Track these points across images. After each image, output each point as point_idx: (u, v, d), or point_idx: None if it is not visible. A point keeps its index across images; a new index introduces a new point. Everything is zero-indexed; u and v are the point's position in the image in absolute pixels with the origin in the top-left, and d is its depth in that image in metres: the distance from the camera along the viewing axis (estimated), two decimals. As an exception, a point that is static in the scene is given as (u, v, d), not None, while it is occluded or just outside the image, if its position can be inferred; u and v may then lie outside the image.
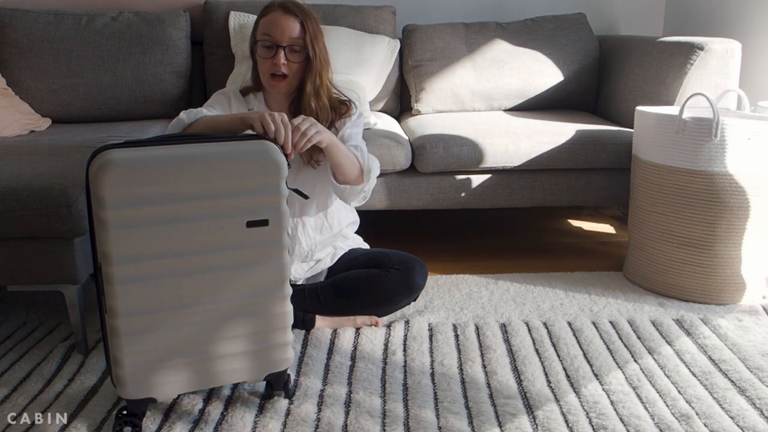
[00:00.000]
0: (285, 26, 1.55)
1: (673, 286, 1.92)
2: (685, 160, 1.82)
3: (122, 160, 1.16)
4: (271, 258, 1.29)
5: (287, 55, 1.57)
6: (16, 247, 1.53)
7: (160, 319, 1.24)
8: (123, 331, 1.22)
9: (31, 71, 2.38)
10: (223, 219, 1.23)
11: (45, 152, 1.81)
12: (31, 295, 1.97)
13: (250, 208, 1.25)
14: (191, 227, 1.21)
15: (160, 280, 1.22)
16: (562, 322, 1.77)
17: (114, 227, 1.17)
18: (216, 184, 1.22)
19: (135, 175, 1.16)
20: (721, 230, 1.82)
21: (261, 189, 1.25)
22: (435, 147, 2.07)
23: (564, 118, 2.39)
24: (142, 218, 1.18)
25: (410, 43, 2.59)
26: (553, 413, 1.36)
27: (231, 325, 1.29)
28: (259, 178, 1.25)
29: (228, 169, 1.22)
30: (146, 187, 1.17)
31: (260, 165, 1.25)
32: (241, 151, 1.25)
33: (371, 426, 1.33)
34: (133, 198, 1.17)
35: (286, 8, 1.57)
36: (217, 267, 1.25)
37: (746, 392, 1.43)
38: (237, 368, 1.33)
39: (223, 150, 1.23)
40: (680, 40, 2.21)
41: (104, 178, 1.15)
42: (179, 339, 1.26)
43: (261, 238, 1.27)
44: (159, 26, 2.45)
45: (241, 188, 1.24)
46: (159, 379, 1.27)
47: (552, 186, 2.17)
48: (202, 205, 1.22)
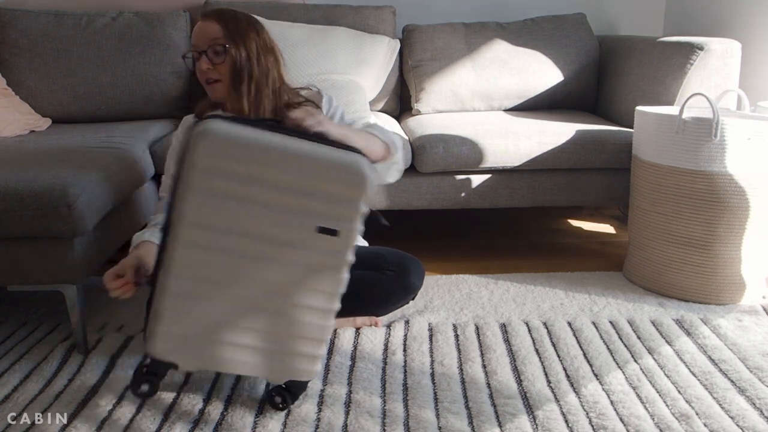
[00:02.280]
0: (203, 31, 1.51)
1: (673, 286, 1.92)
2: (685, 160, 1.82)
3: (223, 133, 1.18)
4: (330, 269, 1.29)
5: (210, 57, 1.50)
6: (16, 247, 1.53)
7: (208, 291, 1.24)
8: (172, 291, 1.22)
9: (31, 71, 2.38)
10: (297, 216, 1.24)
11: (45, 152, 1.81)
12: (31, 295, 1.97)
13: (326, 215, 1.25)
14: (265, 214, 1.22)
15: (221, 254, 1.22)
16: (562, 322, 1.77)
17: (197, 191, 1.19)
18: (302, 182, 1.22)
19: (230, 150, 1.18)
20: (721, 230, 1.82)
21: (342, 199, 1.25)
22: (435, 147, 2.07)
23: (564, 118, 2.39)
24: (224, 191, 1.19)
25: (410, 43, 2.59)
26: (553, 413, 1.36)
27: (270, 320, 1.28)
28: (344, 188, 1.25)
29: (317, 171, 1.23)
30: (237, 164, 1.18)
31: (349, 176, 1.24)
32: (334, 157, 1.24)
33: (371, 426, 1.33)
34: (222, 170, 1.18)
35: (204, 15, 1.54)
36: (276, 260, 1.25)
37: (746, 392, 1.43)
38: (262, 364, 1.32)
39: (319, 151, 1.24)
40: (680, 40, 2.21)
41: (202, 144, 1.17)
42: (219, 316, 1.26)
43: (326, 246, 1.27)
44: (159, 26, 2.45)
45: (324, 193, 1.24)
46: (187, 348, 1.27)
47: (552, 186, 2.17)
48: (282, 198, 1.22)
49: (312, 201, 1.23)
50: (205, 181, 1.18)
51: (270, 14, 2.52)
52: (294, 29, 2.44)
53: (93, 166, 1.66)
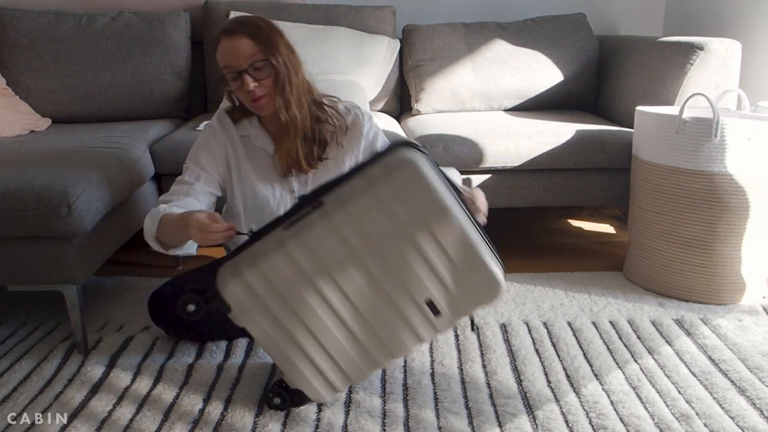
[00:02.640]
0: (236, 49, 1.44)
1: (673, 286, 1.92)
2: (685, 160, 1.82)
3: (427, 176, 1.22)
4: (414, 332, 1.32)
5: (253, 74, 1.45)
6: (16, 247, 1.53)
7: (312, 275, 1.26)
8: (287, 250, 1.25)
9: (31, 71, 2.38)
10: (426, 275, 1.27)
11: (45, 152, 1.81)
12: (31, 295, 1.97)
13: (445, 295, 1.29)
14: (406, 252, 1.25)
15: (347, 254, 1.25)
16: (562, 322, 1.77)
17: (374, 199, 1.22)
18: (451, 256, 1.26)
19: (422, 190, 1.23)
20: (721, 230, 1.82)
21: (470, 296, 1.30)
22: (435, 147, 2.07)
23: (564, 118, 2.39)
24: (393, 215, 1.23)
25: (410, 43, 2.59)
26: (553, 413, 1.36)
27: (342, 344, 1.32)
28: (479, 289, 1.30)
29: (469, 261, 1.27)
30: (418, 203, 1.23)
31: (490, 286, 1.29)
32: (489, 261, 1.28)
33: (371, 426, 1.33)
34: (405, 198, 1.23)
35: (229, 31, 1.46)
36: (383, 293, 1.29)
37: (746, 392, 1.43)
38: (317, 384, 1.36)
39: (480, 246, 1.28)
40: (680, 40, 2.21)
41: (405, 172, 1.22)
42: (299, 302, 1.29)
43: (422, 315, 1.31)
44: (159, 26, 2.45)
45: (459, 279, 1.28)
46: (254, 309, 1.30)
47: (552, 186, 2.17)
48: (429, 252, 1.25)
49: (445, 275, 1.28)
50: (386, 199, 1.22)
51: (270, 14, 2.51)
52: (294, 29, 2.43)
53: (93, 166, 1.66)
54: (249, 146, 1.61)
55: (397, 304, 1.29)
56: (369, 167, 1.27)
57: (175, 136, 2.10)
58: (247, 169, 1.60)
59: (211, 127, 1.62)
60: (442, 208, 1.23)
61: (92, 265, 1.64)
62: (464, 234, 1.25)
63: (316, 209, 1.25)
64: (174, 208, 1.46)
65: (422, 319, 1.31)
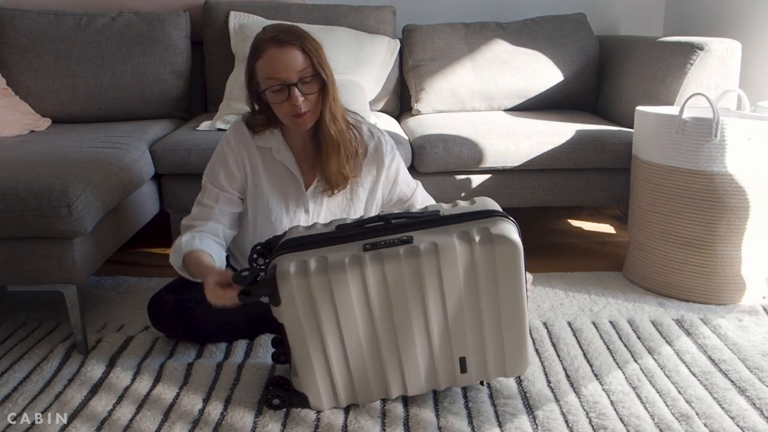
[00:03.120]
0: (288, 61, 1.39)
1: (673, 286, 1.92)
2: (685, 160, 1.82)
3: (520, 257, 1.30)
4: (435, 381, 1.38)
5: (301, 89, 1.40)
6: (16, 247, 1.53)
7: None
8: None
9: (31, 71, 2.38)
10: (468, 331, 1.33)
11: (45, 152, 1.81)
12: (31, 295, 1.97)
13: (475, 358, 1.36)
14: (459, 306, 1.30)
15: (403, 290, 1.28)
16: (562, 322, 1.77)
17: (460, 256, 1.27)
18: (501, 323, 1.33)
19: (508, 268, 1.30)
20: (721, 230, 1.82)
21: (498, 362, 1.37)
22: (435, 147, 2.07)
23: (564, 118, 2.39)
24: (472, 274, 1.29)
25: (410, 43, 2.59)
26: (553, 413, 1.36)
27: (365, 365, 1.35)
28: (510, 363, 1.37)
29: (514, 331, 1.34)
30: (498, 274, 1.29)
31: (519, 362, 1.37)
32: (527, 340, 1.36)
33: (371, 426, 1.33)
34: (488, 269, 1.29)
35: (279, 41, 1.39)
36: (420, 335, 1.32)
37: (746, 392, 1.43)
38: (323, 393, 1.38)
39: (525, 319, 1.34)
40: (680, 40, 2.21)
41: (503, 249, 1.28)
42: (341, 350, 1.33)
43: (451, 370, 1.36)
44: (159, 26, 2.45)
45: (496, 349, 1.35)
46: None
47: (552, 186, 2.17)
48: (479, 310, 1.31)
49: (489, 341, 1.34)
50: (478, 263, 1.27)
51: (270, 14, 2.52)
52: (294, 29, 2.43)
53: (93, 166, 1.66)
54: (268, 159, 1.56)
55: (434, 349, 1.33)
56: (467, 223, 1.30)
57: (175, 136, 2.10)
58: (262, 183, 1.57)
59: (227, 140, 1.56)
60: (519, 287, 1.30)
61: (92, 265, 1.64)
62: (523, 312, 1.32)
63: (404, 243, 1.27)
64: (196, 242, 1.46)
65: (449, 371, 1.36)
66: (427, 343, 1.32)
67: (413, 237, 1.28)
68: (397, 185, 1.65)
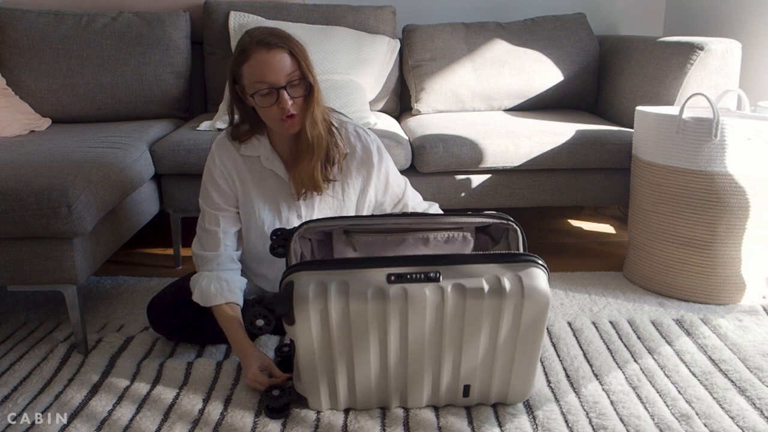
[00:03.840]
0: (276, 65, 1.37)
1: (673, 286, 1.92)
2: (685, 160, 1.82)
3: (547, 310, 1.27)
4: (436, 399, 1.38)
5: (289, 92, 1.39)
6: (16, 247, 1.53)
7: None
8: None
9: (31, 71, 2.38)
10: (480, 364, 1.32)
11: (45, 152, 1.81)
12: (31, 295, 1.97)
13: (480, 387, 1.35)
14: (475, 340, 1.28)
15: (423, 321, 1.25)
16: (562, 322, 1.77)
17: (487, 300, 1.24)
18: (511, 358, 1.32)
19: (535, 317, 1.27)
20: (721, 230, 1.82)
21: (501, 391, 1.37)
22: (435, 147, 2.07)
23: (564, 118, 2.39)
24: (496, 316, 1.27)
25: (410, 43, 2.59)
26: (553, 413, 1.36)
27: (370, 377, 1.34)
28: (511, 391, 1.37)
29: (524, 368, 1.33)
30: (523, 321, 1.27)
31: (524, 390, 1.37)
32: (530, 382, 1.36)
33: (371, 426, 1.32)
34: (514, 315, 1.27)
35: (267, 44, 1.38)
36: (430, 357, 1.30)
37: (746, 392, 1.43)
38: (323, 396, 1.38)
39: (537, 358, 1.33)
40: (680, 40, 2.21)
41: (533, 302, 1.24)
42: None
43: (454, 393, 1.37)
44: (159, 26, 2.45)
45: (501, 381, 1.35)
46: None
47: (552, 186, 2.17)
48: (494, 347, 1.30)
49: (496, 374, 1.33)
50: (504, 309, 1.24)
51: (270, 14, 2.52)
52: (294, 29, 2.42)
53: (93, 166, 1.66)
54: (256, 167, 1.55)
55: (442, 377, 1.33)
56: (499, 265, 1.26)
57: (175, 136, 2.10)
58: (253, 194, 1.55)
59: (212, 157, 1.55)
60: (540, 333, 1.28)
61: (92, 265, 1.64)
62: (537, 353, 1.31)
63: (430, 279, 1.23)
64: (225, 292, 1.51)
65: (451, 394, 1.37)
66: (435, 365, 1.31)
67: (441, 274, 1.23)
68: (389, 187, 1.63)
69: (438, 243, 1.47)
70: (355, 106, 2.24)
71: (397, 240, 1.45)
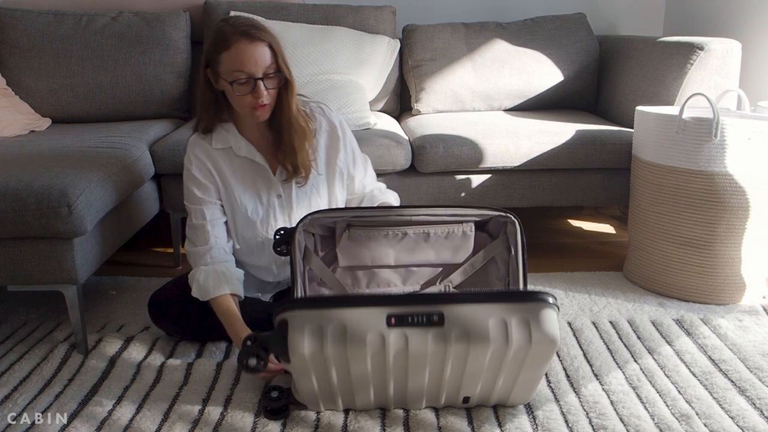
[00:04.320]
0: (257, 56, 1.42)
1: (673, 286, 1.92)
2: (685, 160, 1.82)
3: (553, 352, 1.24)
4: (436, 401, 1.36)
5: (265, 84, 1.45)
6: (16, 247, 1.53)
7: None
8: None
9: (31, 71, 2.38)
10: (480, 384, 1.30)
11: (45, 152, 1.81)
12: (31, 295, 1.97)
13: (480, 395, 1.34)
14: (479, 369, 1.26)
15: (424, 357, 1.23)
16: (562, 322, 1.77)
17: (492, 346, 1.21)
18: (515, 378, 1.30)
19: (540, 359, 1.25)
20: (721, 230, 1.82)
21: (502, 398, 1.35)
22: (435, 147, 2.07)
23: (564, 118, 2.39)
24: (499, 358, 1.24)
25: (410, 43, 2.59)
26: (553, 413, 1.36)
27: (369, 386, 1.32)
28: (512, 398, 1.35)
29: (525, 386, 1.32)
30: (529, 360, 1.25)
31: (520, 397, 1.35)
32: (531, 393, 1.36)
33: (371, 426, 1.32)
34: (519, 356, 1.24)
35: (249, 35, 1.42)
36: (432, 376, 1.28)
37: (746, 392, 1.43)
38: (321, 400, 1.37)
39: (539, 381, 1.32)
40: (680, 40, 2.21)
41: (540, 347, 1.22)
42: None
43: (453, 398, 1.35)
44: (159, 26, 2.45)
45: (503, 392, 1.34)
46: None
47: (552, 186, 2.17)
48: (497, 374, 1.28)
49: (498, 388, 1.32)
50: (509, 355, 1.21)
51: (270, 14, 2.52)
52: (294, 29, 2.44)
53: (93, 166, 1.66)
54: (230, 158, 1.59)
55: (441, 391, 1.32)
56: (507, 305, 1.20)
57: (175, 136, 2.10)
58: (232, 183, 1.59)
59: (187, 157, 1.59)
60: (545, 365, 1.26)
61: (92, 265, 1.64)
62: (539, 378, 1.30)
63: (433, 323, 1.18)
64: (224, 286, 1.52)
65: (451, 401, 1.36)
66: (437, 380, 1.29)
67: (444, 316, 1.18)
68: (356, 159, 1.67)
69: (438, 239, 1.48)
70: (355, 106, 2.24)
71: (398, 236, 1.47)
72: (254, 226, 1.60)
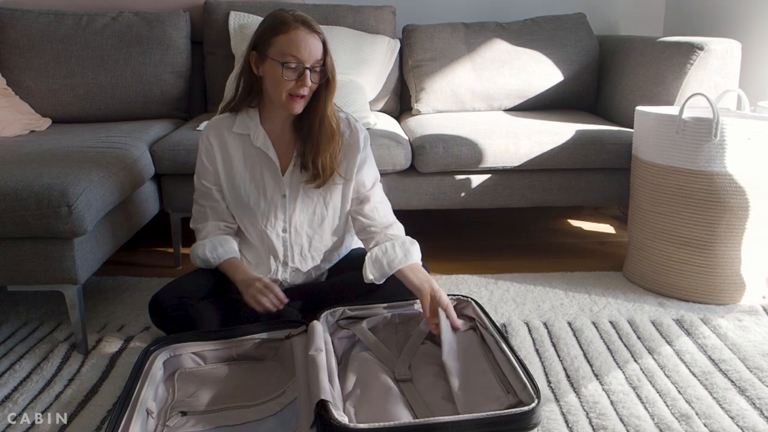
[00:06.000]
0: (312, 47, 1.48)
1: (673, 286, 1.92)
2: (685, 160, 1.82)
3: None
4: None
5: (313, 78, 1.50)
6: (16, 247, 1.53)
7: None
8: None
9: (31, 71, 2.38)
10: None
11: (45, 152, 1.81)
12: (31, 295, 1.97)
13: None
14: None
15: None
16: (562, 322, 1.77)
17: None
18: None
19: None
20: (721, 230, 1.82)
21: None
22: (435, 147, 2.07)
23: (564, 118, 2.39)
24: None
25: (410, 43, 2.59)
26: (553, 413, 1.36)
27: None
28: None
29: None
30: None
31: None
32: None
33: (371, 426, 1.32)
34: None
35: (309, 26, 1.49)
36: None
37: (746, 392, 1.43)
38: None
39: None
40: (680, 40, 2.21)
41: None
42: None
43: None
44: (159, 26, 2.45)
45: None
46: None
47: (552, 186, 2.17)
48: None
49: None
50: None
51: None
52: (294, 29, 2.43)
53: (93, 166, 1.66)
54: (245, 145, 1.63)
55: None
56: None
57: (175, 136, 2.10)
58: (235, 170, 1.63)
59: (203, 133, 1.66)
60: None
61: (92, 265, 1.64)
62: None
63: None
64: (219, 251, 1.64)
65: None
66: None
67: None
68: (361, 171, 1.67)
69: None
70: (355, 106, 2.24)
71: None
72: (255, 216, 1.64)
